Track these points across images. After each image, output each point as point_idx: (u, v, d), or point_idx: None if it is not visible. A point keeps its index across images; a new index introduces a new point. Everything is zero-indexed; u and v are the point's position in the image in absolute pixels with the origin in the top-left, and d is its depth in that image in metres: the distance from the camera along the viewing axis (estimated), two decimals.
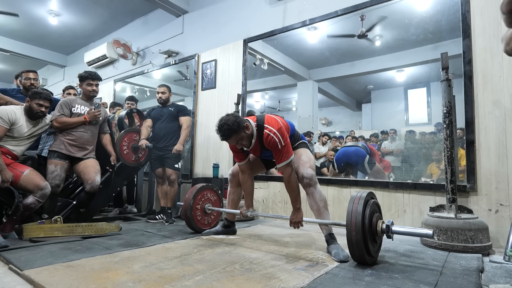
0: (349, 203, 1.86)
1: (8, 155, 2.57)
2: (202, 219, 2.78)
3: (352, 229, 1.76)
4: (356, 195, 1.88)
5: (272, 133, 2.11)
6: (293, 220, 2.19)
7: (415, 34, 3.58)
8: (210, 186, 2.91)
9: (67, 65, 7.85)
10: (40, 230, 2.44)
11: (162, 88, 3.67)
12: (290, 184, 2.16)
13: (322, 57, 4.60)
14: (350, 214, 1.80)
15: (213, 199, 2.90)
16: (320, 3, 3.57)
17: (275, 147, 2.11)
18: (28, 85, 3.10)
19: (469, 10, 2.65)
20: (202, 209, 2.79)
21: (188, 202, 2.70)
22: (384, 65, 4.50)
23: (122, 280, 1.51)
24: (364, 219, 1.78)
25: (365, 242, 1.76)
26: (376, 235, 1.86)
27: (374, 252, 1.86)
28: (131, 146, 3.54)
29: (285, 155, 2.13)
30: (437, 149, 3.63)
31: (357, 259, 1.81)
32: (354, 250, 1.77)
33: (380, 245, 1.99)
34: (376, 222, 1.86)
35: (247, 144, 2.19)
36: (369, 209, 1.83)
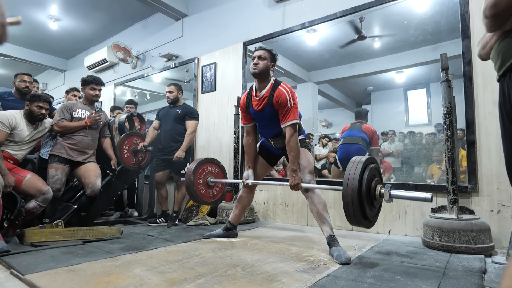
0: (348, 166, 1.85)
1: (10, 159, 2.58)
2: (206, 193, 2.75)
3: (348, 192, 1.75)
4: (356, 159, 1.87)
5: (286, 91, 2.23)
6: (292, 184, 2.23)
7: (414, 35, 3.59)
8: (210, 160, 2.88)
9: (67, 70, 7.87)
10: (42, 235, 2.44)
11: (170, 87, 3.58)
12: (290, 144, 2.22)
13: (322, 59, 4.61)
14: (347, 178, 1.79)
15: (215, 172, 2.86)
16: (319, 6, 3.58)
17: (284, 104, 2.21)
18: (22, 87, 3.11)
19: (468, 11, 2.65)
20: (204, 182, 2.76)
21: (189, 178, 2.67)
22: (383, 67, 4.50)
23: (124, 284, 1.50)
24: (362, 183, 1.76)
25: (361, 205, 1.75)
26: (374, 199, 1.84)
27: (372, 216, 1.86)
28: (132, 149, 3.55)
29: (291, 116, 2.21)
30: (437, 150, 3.63)
31: (353, 223, 1.81)
32: (350, 214, 1.77)
33: (379, 210, 1.98)
34: (375, 186, 1.84)
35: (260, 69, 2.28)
36: (368, 173, 1.81)
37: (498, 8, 1.06)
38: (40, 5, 5.40)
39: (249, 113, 2.46)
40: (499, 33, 1.15)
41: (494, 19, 1.10)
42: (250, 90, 2.44)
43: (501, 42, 1.14)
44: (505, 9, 1.05)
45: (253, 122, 2.51)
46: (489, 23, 1.12)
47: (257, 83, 2.37)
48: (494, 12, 1.07)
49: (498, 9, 1.06)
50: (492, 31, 1.17)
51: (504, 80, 1.17)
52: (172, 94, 3.56)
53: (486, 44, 1.23)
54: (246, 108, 2.46)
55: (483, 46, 1.26)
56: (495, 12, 1.07)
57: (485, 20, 1.13)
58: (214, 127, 4.35)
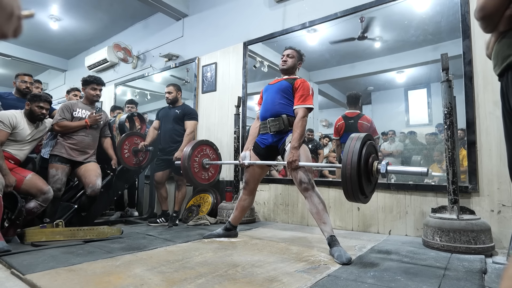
0: (346, 143, 1.88)
1: (11, 159, 2.58)
2: (199, 173, 2.75)
3: (347, 166, 1.78)
4: (354, 135, 1.91)
5: (307, 83, 2.40)
6: (290, 160, 2.24)
7: (415, 35, 3.58)
8: (209, 143, 2.88)
9: (68, 69, 7.88)
10: (42, 234, 2.45)
11: (169, 88, 3.58)
12: (298, 124, 2.29)
13: (322, 59, 4.61)
14: (347, 152, 1.81)
15: (212, 156, 2.87)
16: (319, 6, 3.58)
17: (306, 89, 2.36)
18: (23, 88, 3.12)
19: (469, 11, 2.65)
20: (200, 163, 2.76)
21: (186, 155, 2.67)
22: (384, 67, 4.50)
23: (124, 284, 1.51)
24: (361, 159, 1.79)
25: (359, 180, 1.77)
26: (371, 175, 1.87)
27: (368, 192, 1.89)
28: (132, 149, 3.55)
29: (308, 100, 2.34)
30: (438, 150, 3.62)
31: (350, 197, 1.84)
32: (348, 190, 1.79)
33: (375, 185, 2.01)
34: (372, 162, 1.87)
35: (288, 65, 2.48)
36: (366, 149, 1.84)
37: (486, 11, 1.06)
38: (41, 5, 5.40)
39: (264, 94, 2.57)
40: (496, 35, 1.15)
41: (484, 21, 1.10)
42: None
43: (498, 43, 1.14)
44: (493, 12, 1.05)
45: None
46: (481, 25, 1.13)
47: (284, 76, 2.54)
48: (482, 14, 1.08)
49: (486, 12, 1.06)
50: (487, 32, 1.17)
51: (502, 80, 1.17)
52: (171, 94, 3.56)
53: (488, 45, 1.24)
54: (265, 90, 2.57)
55: (487, 46, 1.27)
56: (483, 15, 1.08)
57: (478, 22, 1.14)
58: (215, 127, 4.35)
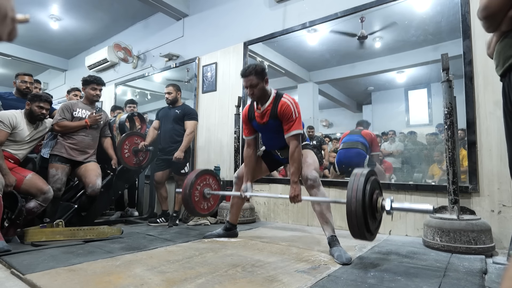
0: (350, 179, 1.84)
1: (11, 159, 2.58)
2: (199, 202, 2.74)
3: (352, 205, 1.75)
4: (357, 172, 1.87)
5: (289, 102, 2.23)
6: (292, 195, 2.22)
7: (415, 36, 3.59)
8: (211, 172, 2.87)
9: (68, 69, 7.88)
10: (42, 234, 2.44)
11: (168, 88, 3.57)
12: (294, 156, 2.21)
13: (322, 59, 4.61)
14: (350, 190, 1.78)
15: (214, 187, 2.86)
16: (319, 6, 3.58)
17: (289, 115, 2.20)
18: (23, 88, 3.11)
19: (469, 11, 2.65)
20: (201, 192, 2.75)
21: (188, 185, 2.67)
22: (384, 67, 4.50)
23: (124, 284, 1.50)
24: (365, 196, 1.76)
25: (365, 218, 1.74)
26: (376, 211, 1.84)
27: (373, 229, 1.85)
28: (132, 149, 3.55)
29: (295, 126, 2.21)
30: (438, 150, 3.62)
31: (356, 236, 1.80)
32: (354, 227, 1.76)
33: (380, 222, 1.97)
34: (376, 199, 1.84)
35: (258, 95, 2.28)
36: (370, 186, 1.80)
37: (489, 10, 1.06)
38: (41, 5, 5.40)
39: (252, 125, 2.44)
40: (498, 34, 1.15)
41: (487, 21, 1.10)
42: (252, 102, 2.42)
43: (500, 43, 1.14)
44: (497, 11, 1.05)
45: (255, 134, 2.49)
46: (484, 24, 1.13)
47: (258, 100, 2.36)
48: (486, 14, 1.08)
49: (489, 11, 1.06)
50: (489, 32, 1.17)
51: (504, 80, 1.17)
52: (171, 95, 3.55)
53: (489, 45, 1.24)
54: (249, 121, 2.43)
55: (488, 46, 1.26)
56: (487, 14, 1.07)
57: (481, 22, 1.13)
58: (215, 127, 4.35)
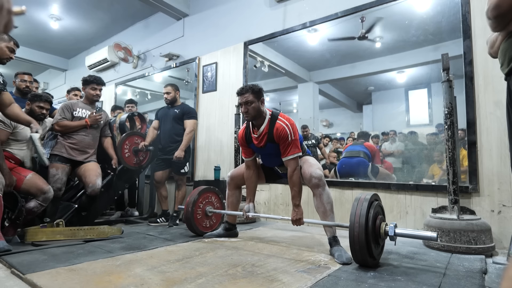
0: (353, 204, 1.85)
1: (11, 159, 2.58)
2: (202, 221, 2.76)
3: (355, 230, 1.75)
4: (360, 197, 1.87)
5: (285, 124, 2.20)
6: (294, 218, 2.20)
7: (415, 35, 3.58)
8: (213, 189, 2.89)
9: (68, 69, 7.89)
10: (42, 234, 2.45)
11: (167, 88, 3.56)
12: (293, 179, 2.19)
13: (323, 59, 4.60)
14: (353, 215, 1.79)
15: (216, 204, 2.88)
16: (320, 5, 3.58)
17: (285, 138, 2.18)
18: (23, 87, 3.11)
19: (470, 11, 2.65)
20: (203, 211, 2.78)
21: (190, 203, 2.69)
22: (384, 67, 4.49)
23: (125, 284, 1.51)
24: (368, 221, 1.76)
25: (367, 244, 1.75)
26: (379, 237, 1.84)
27: (376, 254, 1.85)
28: (133, 149, 3.55)
29: (293, 149, 2.19)
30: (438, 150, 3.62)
31: (359, 261, 1.80)
32: (357, 252, 1.76)
33: (383, 247, 1.98)
34: (379, 224, 1.84)
35: (253, 114, 2.24)
36: (373, 211, 1.81)
37: (501, 9, 1.06)
38: (41, 5, 5.40)
39: (250, 147, 2.42)
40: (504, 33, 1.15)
41: (497, 20, 1.10)
42: (248, 125, 2.39)
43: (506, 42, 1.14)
44: (508, 11, 1.05)
45: (254, 155, 2.47)
46: (492, 24, 1.13)
47: (254, 121, 2.33)
48: (497, 13, 1.07)
49: (501, 11, 1.06)
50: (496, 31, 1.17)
51: (509, 79, 1.17)
52: (169, 95, 3.55)
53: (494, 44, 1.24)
54: (247, 144, 2.41)
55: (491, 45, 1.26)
56: (498, 14, 1.07)
57: (489, 21, 1.13)
58: (215, 127, 4.35)
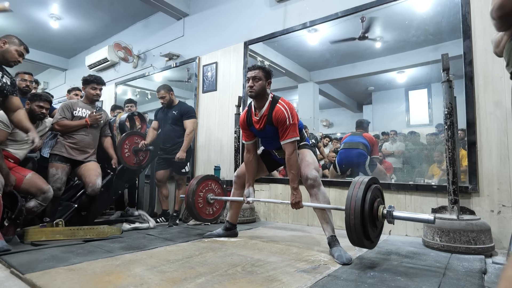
0: (350, 187, 1.85)
1: (11, 158, 2.58)
2: (204, 209, 2.75)
3: (351, 213, 1.76)
4: (358, 180, 1.87)
5: (284, 108, 2.22)
6: (293, 201, 2.23)
7: (415, 36, 3.58)
8: (212, 177, 2.88)
9: (68, 69, 7.88)
10: (42, 234, 2.44)
11: (160, 93, 3.53)
12: (290, 162, 2.21)
13: (323, 59, 4.60)
14: (350, 198, 1.79)
15: (217, 191, 2.86)
16: (320, 5, 3.57)
17: (283, 122, 2.19)
18: (23, 86, 3.11)
19: (470, 12, 2.65)
20: (204, 198, 2.76)
21: (190, 193, 2.67)
22: (384, 67, 4.50)
23: (124, 284, 1.50)
24: (364, 204, 1.77)
25: (363, 226, 1.75)
26: (376, 220, 1.85)
27: (374, 237, 1.86)
28: (133, 149, 3.55)
29: (290, 133, 2.20)
30: (438, 150, 3.62)
31: (355, 243, 1.81)
32: (352, 234, 1.77)
33: (381, 230, 1.98)
34: (377, 207, 1.84)
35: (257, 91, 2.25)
36: (371, 194, 1.81)
37: (505, 9, 1.05)
38: (41, 4, 5.40)
39: (251, 130, 2.44)
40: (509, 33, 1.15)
41: (501, 20, 1.09)
42: (249, 108, 2.41)
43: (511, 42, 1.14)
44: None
45: (254, 139, 2.48)
46: (497, 24, 1.12)
47: (255, 102, 2.34)
48: (501, 13, 1.07)
49: (505, 11, 1.06)
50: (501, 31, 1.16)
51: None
52: (164, 98, 3.53)
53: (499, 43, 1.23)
54: (248, 127, 2.43)
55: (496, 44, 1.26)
56: (502, 14, 1.07)
57: (493, 21, 1.13)
58: (215, 126, 4.35)
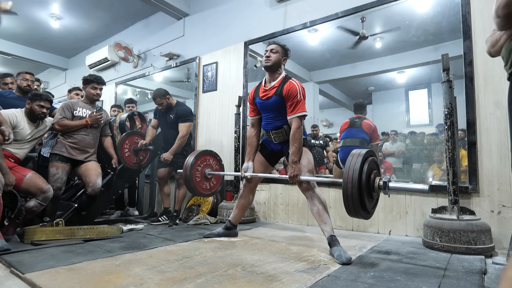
0: (348, 158, 1.88)
1: (11, 158, 2.58)
2: (202, 183, 2.73)
3: (348, 182, 1.78)
4: (355, 152, 1.90)
5: (297, 84, 2.29)
6: (291, 174, 2.23)
7: (415, 36, 3.58)
8: (210, 152, 2.86)
9: (69, 68, 7.88)
10: (42, 233, 2.45)
11: (157, 100, 3.48)
12: (295, 136, 2.23)
13: (323, 59, 4.60)
14: (347, 168, 1.82)
15: (215, 167, 2.84)
16: (320, 5, 3.58)
17: (294, 95, 2.25)
18: (24, 85, 3.12)
19: (470, 12, 2.65)
20: (202, 173, 2.74)
21: (188, 166, 2.66)
22: (385, 67, 4.49)
23: (124, 283, 1.51)
24: (362, 174, 1.80)
25: (360, 196, 1.78)
26: (373, 191, 1.88)
27: (370, 208, 1.89)
28: (133, 148, 3.55)
29: (299, 108, 2.25)
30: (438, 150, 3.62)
31: (352, 214, 1.84)
32: (349, 204, 1.80)
33: (377, 201, 2.01)
34: (373, 179, 1.87)
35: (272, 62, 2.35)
36: (367, 165, 1.84)
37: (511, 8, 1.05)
38: (42, 4, 5.40)
39: (256, 104, 2.51)
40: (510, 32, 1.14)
41: (506, 18, 1.08)
42: (260, 83, 2.50)
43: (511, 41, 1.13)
44: None
45: (259, 115, 2.55)
46: (501, 22, 1.11)
47: (268, 75, 2.42)
48: (508, 11, 1.06)
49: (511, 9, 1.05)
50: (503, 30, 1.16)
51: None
52: (163, 105, 3.51)
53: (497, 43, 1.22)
54: (253, 99, 2.50)
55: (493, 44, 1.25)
56: (509, 11, 1.06)
57: (497, 19, 1.12)
58: (215, 126, 4.35)
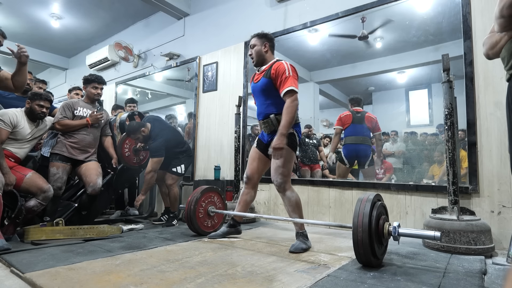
0: (356, 204, 1.86)
1: (11, 158, 2.59)
2: (204, 220, 2.76)
3: (358, 230, 1.75)
4: (363, 197, 1.88)
5: (285, 63, 2.28)
6: (275, 145, 2.15)
7: (416, 36, 3.58)
8: (216, 189, 2.88)
9: (69, 68, 7.89)
10: (42, 233, 2.45)
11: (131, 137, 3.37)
12: (288, 109, 2.18)
13: (323, 59, 4.60)
14: (357, 215, 1.79)
15: (218, 205, 2.88)
16: (320, 6, 3.58)
17: (282, 72, 2.23)
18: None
19: (470, 12, 2.65)
20: (205, 210, 2.77)
21: (192, 201, 2.67)
22: (385, 67, 4.49)
23: (124, 283, 1.51)
24: (371, 221, 1.77)
25: (371, 243, 1.75)
26: (382, 237, 1.85)
27: (380, 254, 1.85)
28: (133, 148, 3.55)
29: (289, 82, 2.20)
30: (438, 151, 3.62)
31: (363, 262, 1.80)
32: (360, 251, 1.76)
33: (386, 247, 1.98)
34: (382, 224, 1.85)
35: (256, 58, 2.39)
36: (376, 211, 1.82)
37: None
38: (42, 4, 5.41)
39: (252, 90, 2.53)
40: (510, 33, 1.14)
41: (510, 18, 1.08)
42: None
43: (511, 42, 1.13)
44: None
45: None
46: (504, 22, 1.11)
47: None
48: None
49: None
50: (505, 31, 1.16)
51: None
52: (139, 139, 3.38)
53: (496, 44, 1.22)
54: (252, 91, 2.50)
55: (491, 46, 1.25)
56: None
57: (501, 20, 1.12)
58: (215, 126, 4.35)
